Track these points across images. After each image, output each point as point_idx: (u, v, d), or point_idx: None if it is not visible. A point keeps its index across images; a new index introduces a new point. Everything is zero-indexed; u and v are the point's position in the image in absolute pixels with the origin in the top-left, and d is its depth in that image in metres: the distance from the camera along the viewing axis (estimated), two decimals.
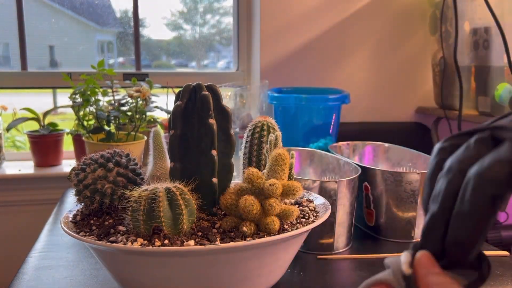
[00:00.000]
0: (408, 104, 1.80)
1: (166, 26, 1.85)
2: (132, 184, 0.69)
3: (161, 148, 0.74)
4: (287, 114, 1.40)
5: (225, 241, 0.58)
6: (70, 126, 1.52)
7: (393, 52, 1.75)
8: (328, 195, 0.79)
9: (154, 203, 0.57)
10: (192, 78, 1.77)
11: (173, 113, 0.66)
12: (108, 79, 1.33)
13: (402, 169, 1.03)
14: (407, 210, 0.86)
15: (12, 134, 1.95)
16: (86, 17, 1.75)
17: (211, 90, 0.67)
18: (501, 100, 1.37)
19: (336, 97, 1.36)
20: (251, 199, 0.60)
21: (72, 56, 1.76)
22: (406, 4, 1.72)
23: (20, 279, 0.71)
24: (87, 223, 0.66)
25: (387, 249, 0.84)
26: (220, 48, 1.91)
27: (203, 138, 0.66)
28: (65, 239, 0.87)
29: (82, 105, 1.29)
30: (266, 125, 0.76)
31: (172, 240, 0.57)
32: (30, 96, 1.91)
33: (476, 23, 1.45)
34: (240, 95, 1.41)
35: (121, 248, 0.55)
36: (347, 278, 0.74)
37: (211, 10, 1.86)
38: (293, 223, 0.65)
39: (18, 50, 1.65)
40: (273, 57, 1.66)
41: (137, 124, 1.29)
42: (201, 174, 0.66)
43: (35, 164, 1.59)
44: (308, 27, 1.67)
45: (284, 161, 0.64)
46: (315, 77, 1.70)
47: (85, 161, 0.70)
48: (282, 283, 0.69)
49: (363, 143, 1.11)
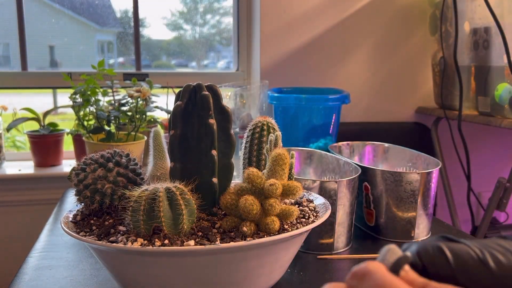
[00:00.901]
0: (408, 104, 1.80)
1: (166, 26, 1.85)
2: (132, 184, 0.69)
3: (161, 148, 0.74)
4: (287, 114, 1.40)
5: (225, 241, 0.58)
6: (70, 126, 1.52)
7: (393, 52, 1.75)
8: (328, 195, 0.79)
9: (154, 203, 0.57)
10: (192, 78, 1.77)
11: (173, 113, 0.66)
12: (108, 79, 1.33)
13: (402, 169, 1.03)
14: (407, 210, 0.87)
15: (12, 134, 1.94)
16: (86, 17, 1.75)
17: (211, 90, 0.67)
18: (501, 100, 1.37)
19: (336, 97, 1.36)
20: (251, 199, 0.60)
21: (72, 56, 1.76)
22: (406, 4, 1.72)
23: (20, 279, 0.71)
24: (87, 223, 0.66)
25: None
26: (220, 48, 1.91)
27: (203, 138, 0.66)
28: (65, 239, 0.87)
29: (82, 105, 1.29)
30: (266, 125, 0.76)
31: (172, 240, 0.57)
32: (30, 96, 1.91)
33: (476, 23, 1.45)
34: (240, 95, 1.41)
35: (121, 248, 0.55)
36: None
37: (211, 10, 1.86)
38: (293, 223, 0.65)
39: (18, 50, 1.65)
40: (273, 57, 1.66)
41: (137, 124, 1.29)
42: (201, 174, 0.66)
43: (35, 164, 1.59)
44: (308, 27, 1.67)
45: (284, 161, 0.64)
46: (315, 77, 1.70)
47: (85, 161, 0.70)
48: (282, 283, 0.69)
49: (363, 143, 1.11)
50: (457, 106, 1.53)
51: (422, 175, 0.85)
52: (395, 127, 1.76)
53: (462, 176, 1.61)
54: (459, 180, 1.73)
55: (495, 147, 1.87)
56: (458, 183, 1.75)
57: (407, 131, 1.76)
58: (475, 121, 1.47)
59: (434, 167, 0.90)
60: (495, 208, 1.43)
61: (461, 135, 1.50)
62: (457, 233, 0.92)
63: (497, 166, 1.87)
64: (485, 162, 1.86)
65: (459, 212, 1.72)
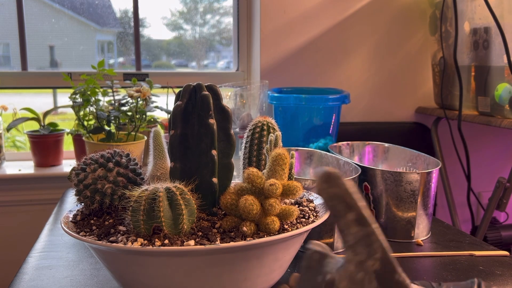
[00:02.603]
0: (408, 104, 1.80)
1: (166, 26, 1.85)
2: (132, 184, 0.69)
3: (161, 148, 0.74)
4: (287, 114, 1.40)
5: (225, 241, 0.58)
6: (70, 126, 1.52)
7: (393, 52, 1.75)
8: None
9: (154, 203, 0.57)
10: (192, 78, 1.77)
11: (173, 113, 0.66)
12: (108, 79, 1.33)
13: (402, 169, 1.03)
14: (407, 210, 0.87)
15: (12, 134, 1.95)
16: (86, 17, 1.75)
17: (211, 90, 0.67)
18: (501, 100, 1.37)
19: (336, 97, 1.36)
20: (251, 199, 0.60)
21: (72, 56, 1.76)
22: (406, 4, 1.72)
23: (20, 279, 0.71)
24: (87, 223, 0.66)
25: None
26: (220, 48, 1.91)
27: (203, 138, 0.66)
28: (65, 239, 0.87)
29: (82, 105, 1.29)
30: (266, 125, 0.76)
31: (172, 240, 0.57)
32: (30, 96, 1.91)
33: (476, 23, 1.45)
34: (240, 95, 1.41)
35: (121, 248, 0.55)
36: None
37: (211, 10, 1.86)
38: (293, 223, 0.65)
39: (18, 50, 1.65)
40: (273, 57, 1.66)
41: (137, 124, 1.29)
42: (201, 174, 0.66)
43: (35, 164, 1.59)
44: (308, 27, 1.67)
45: (284, 161, 0.64)
46: (315, 77, 1.70)
47: (85, 161, 0.70)
48: (282, 283, 0.69)
49: (363, 143, 1.11)
50: (457, 106, 1.53)
51: (422, 175, 0.85)
52: (395, 127, 1.76)
53: (462, 176, 1.61)
54: (459, 180, 1.73)
55: (495, 147, 1.87)
56: (458, 183, 1.75)
57: (407, 131, 1.76)
58: (475, 121, 1.47)
59: (434, 167, 0.90)
60: (495, 208, 1.43)
61: (461, 135, 1.50)
62: (457, 233, 0.92)
63: (497, 166, 1.87)
64: (485, 162, 1.86)
65: (459, 212, 1.72)
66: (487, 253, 0.81)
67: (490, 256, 0.81)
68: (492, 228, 1.54)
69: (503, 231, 1.54)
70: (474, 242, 0.87)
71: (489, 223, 1.48)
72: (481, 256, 0.81)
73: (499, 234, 1.53)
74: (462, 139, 1.50)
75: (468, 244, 0.86)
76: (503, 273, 0.74)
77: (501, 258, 0.80)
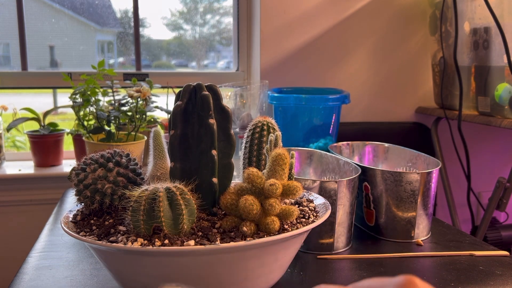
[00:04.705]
0: (408, 104, 1.80)
1: (166, 26, 1.85)
2: (132, 184, 0.69)
3: (161, 148, 0.74)
4: (287, 114, 1.40)
5: (225, 241, 0.58)
6: (70, 126, 1.52)
7: (393, 52, 1.75)
8: (328, 195, 0.79)
9: (154, 203, 0.57)
10: (192, 78, 1.77)
11: (173, 113, 0.66)
12: (108, 79, 1.33)
13: (402, 169, 1.03)
14: (407, 210, 0.87)
15: (12, 134, 1.95)
16: (86, 17, 1.75)
17: (211, 90, 0.67)
18: (501, 100, 1.37)
19: (336, 97, 1.36)
20: (251, 199, 0.60)
21: (72, 56, 1.76)
22: (406, 4, 1.72)
23: (20, 279, 0.71)
24: (87, 223, 0.66)
25: (387, 249, 0.84)
26: (220, 48, 1.91)
27: (203, 138, 0.66)
28: (65, 239, 0.87)
29: (82, 105, 1.29)
30: (266, 125, 0.76)
31: (172, 240, 0.57)
32: (30, 96, 1.91)
33: (476, 23, 1.45)
34: (240, 95, 1.41)
35: (121, 248, 0.55)
36: (347, 278, 0.74)
37: (211, 10, 1.86)
38: (293, 223, 0.65)
39: (18, 50, 1.65)
40: (273, 57, 1.66)
41: (137, 124, 1.29)
42: (201, 174, 0.66)
43: (35, 164, 1.59)
44: (308, 27, 1.67)
45: (284, 161, 0.64)
46: (315, 77, 1.70)
47: (85, 161, 0.70)
48: (282, 283, 0.69)
49: (363, 143, 1.11)
50: (457, 106, 1.53)
51: (422, 175, 0.85)
52: (395, 127, 1.76)
53: (462, 176, 1.61)
54: (459, 180, 1.73)
55: (495, 147, 1.87)
56: (458, 183, 1.75)
57: (407, 131, 1.76)
58: (475, 121, 1.47)
59: (434, 167, 0.90)
60: (495, 208, 1.43)
61: (461, 135, 1.50)
62: (457, 233, 0.92)
63: (497, 166, 1.87)
64: (485, 162, 1.86)
65: (459, 212, 1.72)
66: (487, 253, 0.81)
67: (490, 256, 0.81)
68: (492, 228, 1.54)
69: (503, 231, 1.54)
70: (474, 242, 0.87)
71: (489, 223, 1.48)
72: (481, 256, 0.81)
73: (499, 234, 1.53)
74: (462, 139, 1.50)
75: (468, 244, 0.86)
76: (503, 273, 0.74)
77: (501, 258, 0.80)
